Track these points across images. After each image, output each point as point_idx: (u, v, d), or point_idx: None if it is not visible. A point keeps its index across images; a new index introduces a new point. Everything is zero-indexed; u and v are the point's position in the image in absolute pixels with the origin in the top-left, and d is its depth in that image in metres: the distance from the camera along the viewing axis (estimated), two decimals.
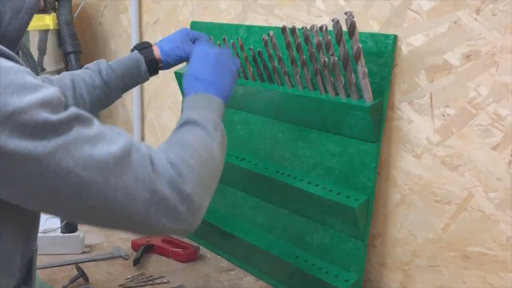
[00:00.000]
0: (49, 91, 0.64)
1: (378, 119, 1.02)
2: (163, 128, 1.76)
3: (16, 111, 0.60)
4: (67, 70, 1.92)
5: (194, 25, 1.43)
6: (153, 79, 1.08)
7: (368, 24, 1.06)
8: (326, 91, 1.06)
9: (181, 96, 1.47)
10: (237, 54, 1.20)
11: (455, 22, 0.93)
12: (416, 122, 1.02)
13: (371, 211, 1.05)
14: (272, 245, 1.20)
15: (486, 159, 0.93)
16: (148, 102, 1.81)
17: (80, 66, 1.88)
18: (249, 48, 1.17)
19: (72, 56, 1.85)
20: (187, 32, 1.17)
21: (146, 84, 1.79)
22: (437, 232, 1.02)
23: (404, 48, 1.01)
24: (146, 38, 1.76)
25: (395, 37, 1.01)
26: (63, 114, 0.64)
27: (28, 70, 0.66)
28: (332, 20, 0.96)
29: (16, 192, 0.64)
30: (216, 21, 1.41)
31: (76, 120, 0.65)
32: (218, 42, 1.24)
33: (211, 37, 1.24)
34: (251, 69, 1.20)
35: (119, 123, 2.02)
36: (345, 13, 0.95)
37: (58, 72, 1.95)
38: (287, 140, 1.19)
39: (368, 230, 1.07)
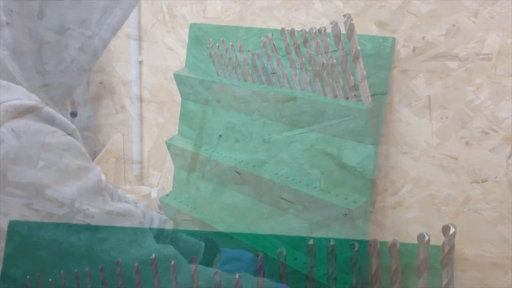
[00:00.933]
0: (90, 178, 0.65)
1: (376, 121, 1.02)
2: (161, 129, 1.76)
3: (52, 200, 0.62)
4: None
5: (193, 26, 1.43)
6: (152, 79, 1.09)
7: (366, 27, 1.06)
8: (325, 93, 1.07)
9: (179, 97, 1.47)
10: (236, 56, 1.20)
11: (453, 25, 0.93)
12: (414, 124, 1.02)
13: (369, 213, 1.06)
14: (270, 246, 1.20)
15: (484, 161, 0.93)
16: (147, 103, 1.81)
17: None
18: (248, 50, 1.17)
19: None
20: (254, 263, 1.07)
21: (145, 85, 1.80)
22: (435, 234, 1.02)
23: (402, 50, 1.01)
24: (145, 40, 1.76)
25: (394, 40, 1.01)
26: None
27: (76, 145, 0.66)
28: (331, 23, 0.96)
29: None
30: (215, 23, 1.41)
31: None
32: (217, 44, 1.24)
33: (210, 39, 1.23)
34: (250, 71, 1.20)
35: (118, 124, 2.02)
36: (344, 16, 0.95)
37: None
38: (285, 142, 1.19)
39: (366, 232, 1.07)
